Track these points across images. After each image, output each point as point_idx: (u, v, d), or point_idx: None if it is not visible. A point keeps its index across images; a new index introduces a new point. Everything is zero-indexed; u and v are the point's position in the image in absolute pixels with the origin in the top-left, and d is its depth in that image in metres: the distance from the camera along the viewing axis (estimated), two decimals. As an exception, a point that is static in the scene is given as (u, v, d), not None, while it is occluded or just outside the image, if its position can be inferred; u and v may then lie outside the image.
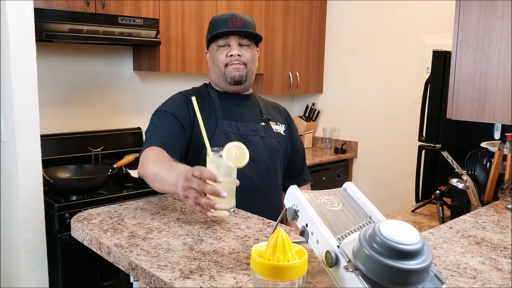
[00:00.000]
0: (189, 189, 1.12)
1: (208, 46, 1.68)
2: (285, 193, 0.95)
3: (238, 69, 1.60)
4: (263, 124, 1.66)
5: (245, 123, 1.62)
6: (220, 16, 1.62)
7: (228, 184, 1.20)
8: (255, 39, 1.65)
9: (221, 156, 1.20)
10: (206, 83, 1.73)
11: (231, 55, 1.59)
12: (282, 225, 1.22)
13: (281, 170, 1.68)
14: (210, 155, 1.21)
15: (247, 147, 1.30)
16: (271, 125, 1.67)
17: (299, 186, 1.76)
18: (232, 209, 1.21)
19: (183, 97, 1.63)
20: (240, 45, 1.60)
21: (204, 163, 1.40)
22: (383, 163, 3.53)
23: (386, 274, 0.67)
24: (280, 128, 1.70)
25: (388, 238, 0.68)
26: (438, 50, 2.26)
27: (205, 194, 1.12)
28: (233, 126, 1.60)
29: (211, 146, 1.25)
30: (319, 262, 0.94)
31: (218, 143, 1.29)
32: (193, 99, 1.33)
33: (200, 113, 1.44)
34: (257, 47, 1.69)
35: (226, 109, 1.63)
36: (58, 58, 2.72)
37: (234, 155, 1.20)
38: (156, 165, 1.37)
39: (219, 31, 1.58)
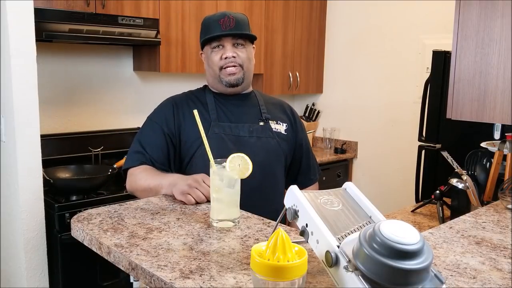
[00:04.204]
0: (194, 189, 1.33)
1: (202, 48, 1.65)
2: None
3: (234, 73, 1.57)
4: (261, 124, 1.62)
5: (241, 124, 1.59)
6: (212, 17, 1.58)
7: (232, 195, 1.20)
8: (250, 37, 1.61)
9: (224, 167, 1.19)
10: (205, 85, 1.71)
11: (225, 57, 1.55)
12: (282, 225, 1.22)
13: (282, 171, 1.65)
14: (214, 166, 1.20)
15: (242, 148, 1.31)
16: (271, 124, 1.63)
17: (306, 185, 1.75)
18: (237, 220, 1.21)
19: (171, 103, 1.63)
20: (234, 44, 1.57)
21: (197, 167, 1.52)
22: (383, 163, 3.53)
23: (386, 274, 0.67)
24: (280, 128, 1.65)
25: (388, 238, 0.67)
26: (438, 50, 2.26)
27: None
28: (227, 128, 1.57)
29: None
30: (319, 262, 0.94)
31: (212, 146, 1.27)
32: (195, 112, 1.31)
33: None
34: (252, 44, 1.65)
35: (222, 111, 1.61)
36: (58, 58, 2.72)
37: (237, 166, 1.19)
38: (148, 180, 1.49)
39: (212, 34, 1.55)
